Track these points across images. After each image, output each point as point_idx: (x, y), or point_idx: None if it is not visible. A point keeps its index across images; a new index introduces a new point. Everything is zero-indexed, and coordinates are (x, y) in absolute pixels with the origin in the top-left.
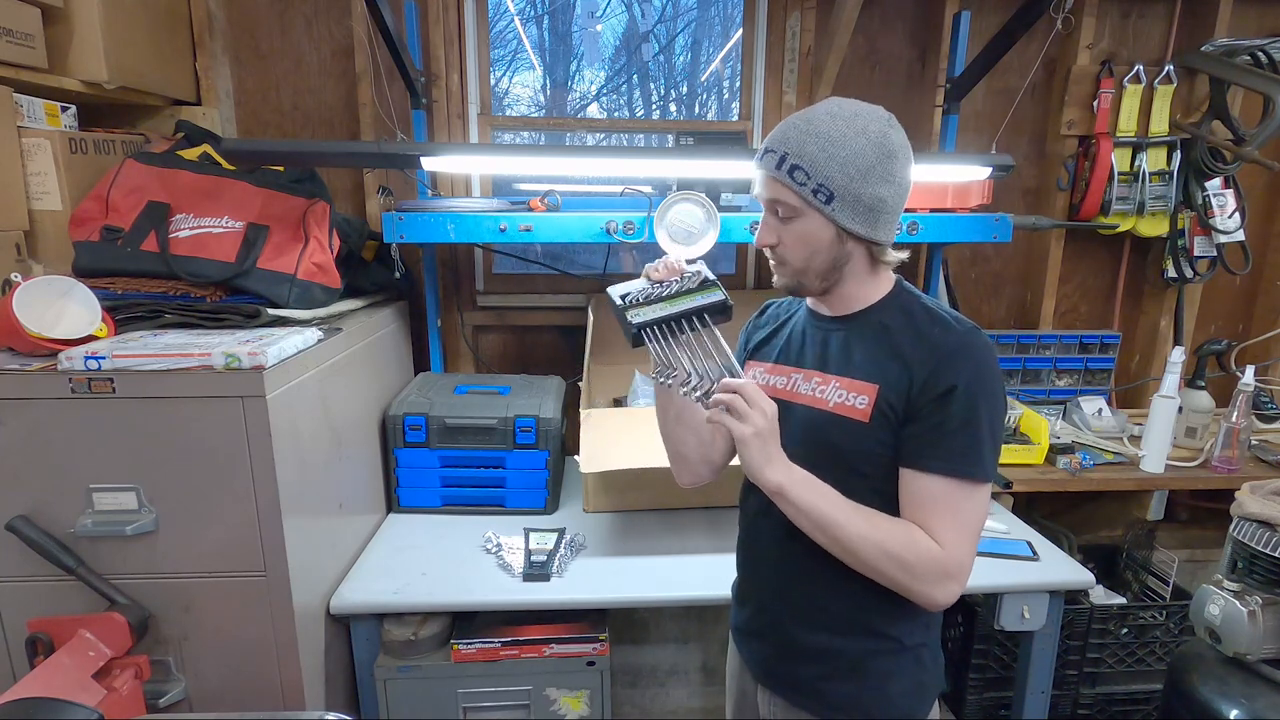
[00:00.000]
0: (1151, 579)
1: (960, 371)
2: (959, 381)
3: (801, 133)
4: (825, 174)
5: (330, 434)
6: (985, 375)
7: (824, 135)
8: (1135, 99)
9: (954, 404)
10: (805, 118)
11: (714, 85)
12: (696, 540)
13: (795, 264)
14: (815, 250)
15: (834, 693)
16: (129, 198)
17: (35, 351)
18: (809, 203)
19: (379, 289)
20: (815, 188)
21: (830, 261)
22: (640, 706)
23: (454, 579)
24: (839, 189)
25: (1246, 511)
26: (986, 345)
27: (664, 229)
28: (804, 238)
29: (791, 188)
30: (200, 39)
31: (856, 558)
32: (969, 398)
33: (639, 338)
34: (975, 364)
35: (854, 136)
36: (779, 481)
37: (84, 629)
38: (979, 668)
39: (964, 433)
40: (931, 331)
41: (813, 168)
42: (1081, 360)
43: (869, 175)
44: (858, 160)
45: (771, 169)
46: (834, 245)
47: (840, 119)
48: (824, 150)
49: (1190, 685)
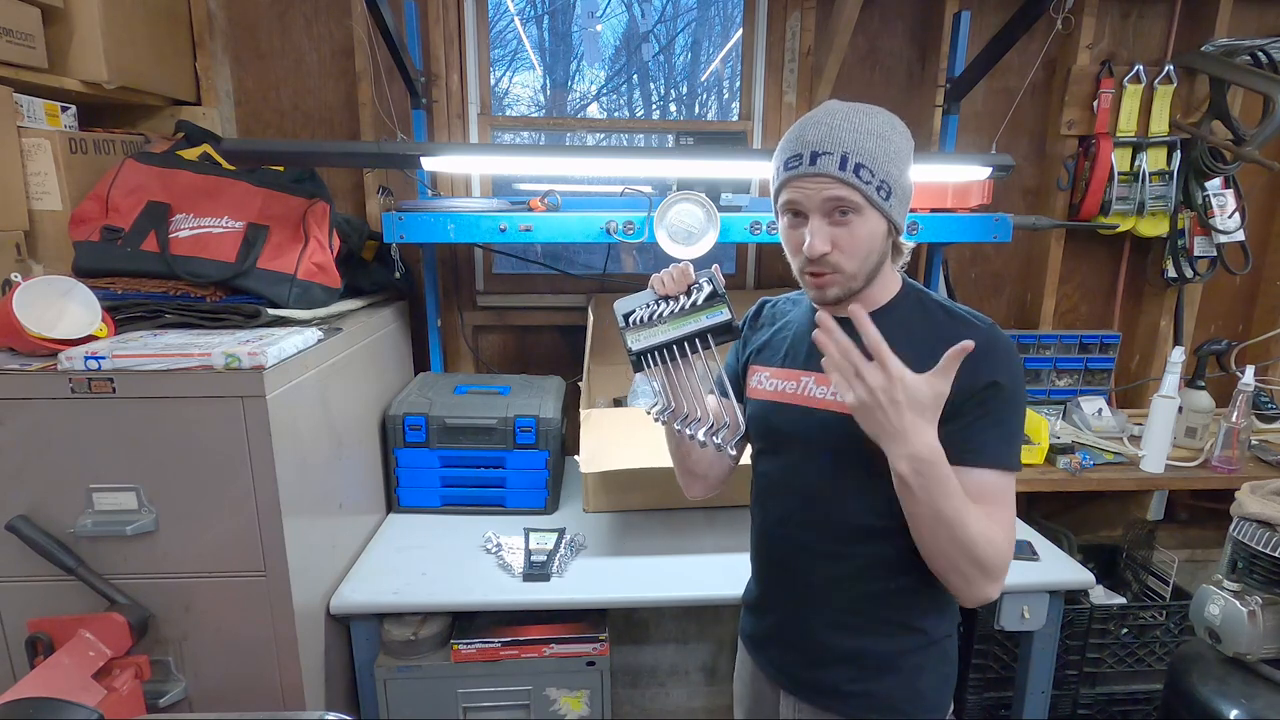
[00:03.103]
0: (1151, 579)
1: (998, 367)
2: (999, 377)
3: (854, 131)
4: (885, 170)
5: (330, 434)
6: (1017, 368)
7: (875, 132)
8: (1135, 99)
9: (996, 399)
10: (846, 116)
11: (714, 85)
12: (696, 540)
13: (850, 268)
14: (872, 249)
15: (865, 693)
16: (129, 198)
17: (35, 351)
18: (872, 200)
19: (379, 289)
20: (879, 184)
21: (880, 259)
22: (640, 706)
23: (454, 579)
24: (894, 183)
25: (1246, 511)
26: (1007, 338)
27: (664, 229)
28: (865, 238)
29: (858, 186)
30: (200, 39)
31: (959, 551)
32: (1009, 392)
33: (638, 364)
34: (1009, 358)
35: (891, 131)
36: (911, 453)
37: (84, 629)
38: (979, 668)
39: (1005, 425)
40: (959, 331)
41: (875, 164)
42: (1081, 360)
43: (906, 166)
44: (902, 153)
45: (835, 169)
46: (885, 241)
47: (876, 115)
48: (880, 147)
49: (1190, 685)
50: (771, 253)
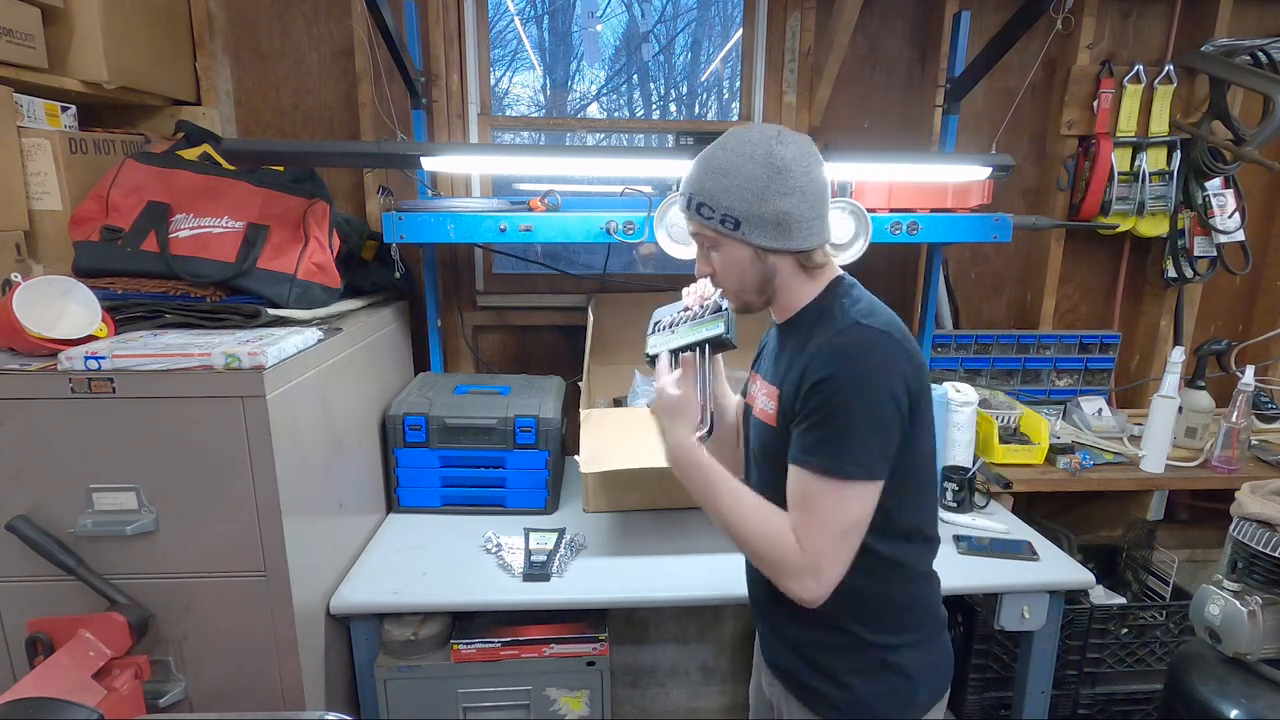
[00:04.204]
0: (1151, 579)
1: (829, 364)
2: (825, 373)
3: (700, 171)
4: (726, 204)
5: (330, 434)
6: (856, 368)
7: (717, 169)
8: (1135, 99)
9: (818, 396)
10: (703, 155)
11: (714, 85)
12: (696, 540)
13: (731, 286)
14: (742, 271)
15: (809, 682)
16: (129, 198)
17: (35, 351)
18: (720, 232)
19: (379, 289)
20: (722, 217)
21: (759, 278)
22: (640, 706)
23: (454, 579)
24: (742, 213)
25: (1246, 511)
26: (869, 341)
27: (664, 229)
28: (729, 264)
29: (701, 223)
30: (200, 39)
31: (743, 545)
32: (834, 390)
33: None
34: (847, 357)
35: (743, 163)
36: (666, 448)
37: (84, 629)
38: (979, 668)
39: (825, 426)
40: (823, 330)
41: (714, 200)
42: (1081, 360)
43: (766, 194)
44: (751, 184)
45: (684, 209)
46: (756, 263)
47: (728, 149)
48: (719, 183)
49: (1190, 685)
50: None
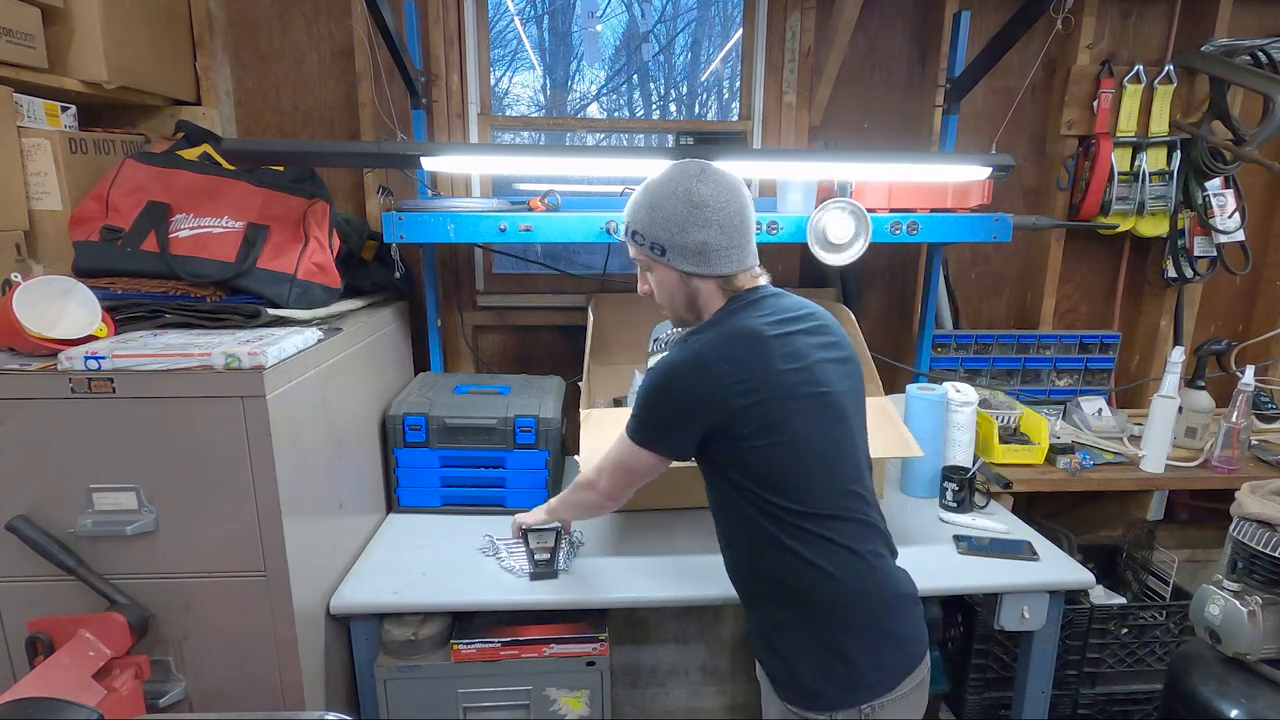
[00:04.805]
0: (1151, 579)
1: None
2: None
3: (635, 204)
4: (654, 233)
5: (330, 434)
6: (654, 371)
7: (648, 202)
8: (1135, 99)
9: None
10: (641, 187)
11: (714, 85)
12: (696, 540)
13: (665, 304)
14: (671, 292)
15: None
16: (129, 198)
17: (35, 351)
18: (650, 257)
19: (379, 289)
20: (651, 245)
21: (686, 298)
22: (640, 706)
23: (454, 579)
24: (666, 242)
25: (1246, 511)
26: (676, 355)
27: None
28: (661, 284)
29: (636, 248)
30: (200, 39)
31: (588, 510)
32: (644, 383)
33: None
34: (660, 362)
35: (667, 198)
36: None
37: (84, 629)
38: (979, 668)
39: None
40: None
41: (645, 230)
42: (1081, 360)
43: (686, 226)
44: (674, 216)
45: (622, 236)
46: (682, 285)
47: (658, 185)
48: (648, 215)
49: (1190, 685)
50: (771, 253)
